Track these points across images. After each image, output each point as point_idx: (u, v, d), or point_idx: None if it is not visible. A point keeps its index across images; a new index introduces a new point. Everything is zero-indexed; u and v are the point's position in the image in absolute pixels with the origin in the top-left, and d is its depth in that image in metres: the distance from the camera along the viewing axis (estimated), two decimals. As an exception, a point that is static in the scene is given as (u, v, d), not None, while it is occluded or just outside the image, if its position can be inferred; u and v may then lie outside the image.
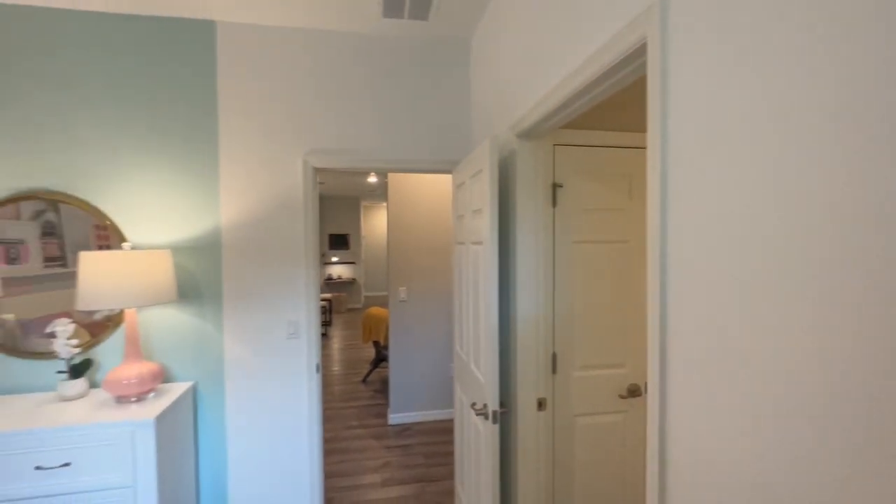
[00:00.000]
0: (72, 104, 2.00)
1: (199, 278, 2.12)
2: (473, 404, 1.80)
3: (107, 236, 2.10)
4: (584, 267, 1.87)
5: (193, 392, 2.11)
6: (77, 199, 2.01)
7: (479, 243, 1.76)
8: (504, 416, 1.92)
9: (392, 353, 3.62)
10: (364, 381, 4.75)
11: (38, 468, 1.62)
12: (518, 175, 1.74)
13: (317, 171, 2.27)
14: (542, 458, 1.80)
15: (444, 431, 3.46)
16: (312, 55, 2.20)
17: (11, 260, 2.01)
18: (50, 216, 2.06)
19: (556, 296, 1.85)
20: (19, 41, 1.95)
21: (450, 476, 2.81)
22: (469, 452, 2.01)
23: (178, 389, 1.98)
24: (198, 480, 2.14)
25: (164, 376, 2.01)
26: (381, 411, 3.88)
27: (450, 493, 2.62)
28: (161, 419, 1.75)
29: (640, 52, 0.99)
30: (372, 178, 6.85)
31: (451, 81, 2.36)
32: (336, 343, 6.65)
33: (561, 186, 1.84)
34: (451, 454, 3.10)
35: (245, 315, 2.16)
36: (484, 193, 1.67)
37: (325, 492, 2.57)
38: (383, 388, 4.51)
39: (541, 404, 1.79)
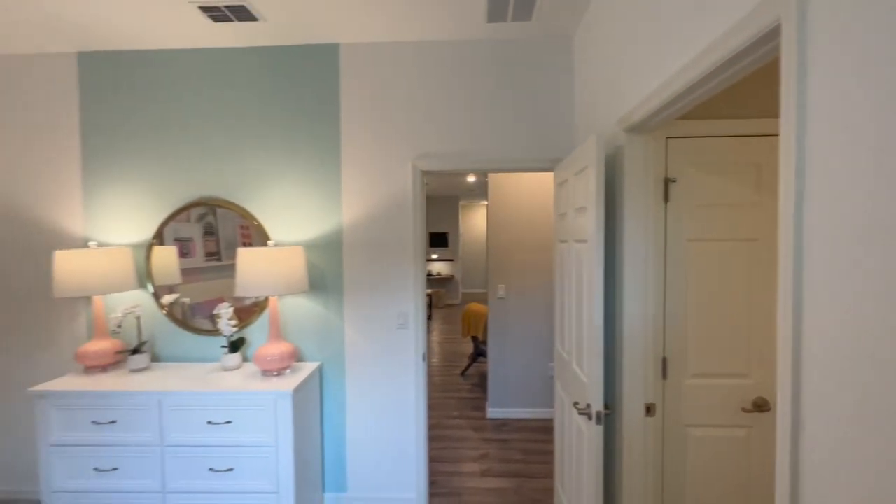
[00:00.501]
0: (226, 127, 2.41)
1: (325, 272, 2.41)
2: (576, 403, 1.79)
3: (248, 234, 2.50)
4: (700, 267, 1.74)
5: (320, 371, 2.42)
6: (234, 204, 2.42)
7: (583, 241, 1.74)
8: (608, 419, 1.87)
9: (490, 349, 3.70)
10: (463, 374, 4.92)
11: (209, 423, 2.01)
12: (626, 171, 1.68)
13: (424, 173, 2.43)
14: (649, 465, 1.73)
15: (542, 430, 3.44)
16: (420, 66, 2.36)
17: (184, 254, 2.50)
18: (210, 218, 2.51)
19: (667, 297, 1.75)
20: (191, 79, 2.41)
21: (548, 475, 2.80)
22: (570, 452, 2.00)
23: (308, 368, 2.29)
24: (322, 447, 2.44)
25: (297, 356, 2.32)
26: (479, 405, 3.99)
27: (548, 491, 2.62)
28: (296, 392, 2.04)
29: (772, 34, 0.91)
30: (471, 178, 7.01)
31: (553, 80, 2.35)
32: (435, 336, 6.95)
33: (674, 181, 1.73)
34: (549, 453, 3.08)
35: (361, 306, 2.41)
36: (589, 190, 1.65)
37: (428, 473, 2.75)
38: (481, 382, 4.62)
39: (649, 410, 1.71)
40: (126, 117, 2.44)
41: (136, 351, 2.28)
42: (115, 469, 2.02)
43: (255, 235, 2.46)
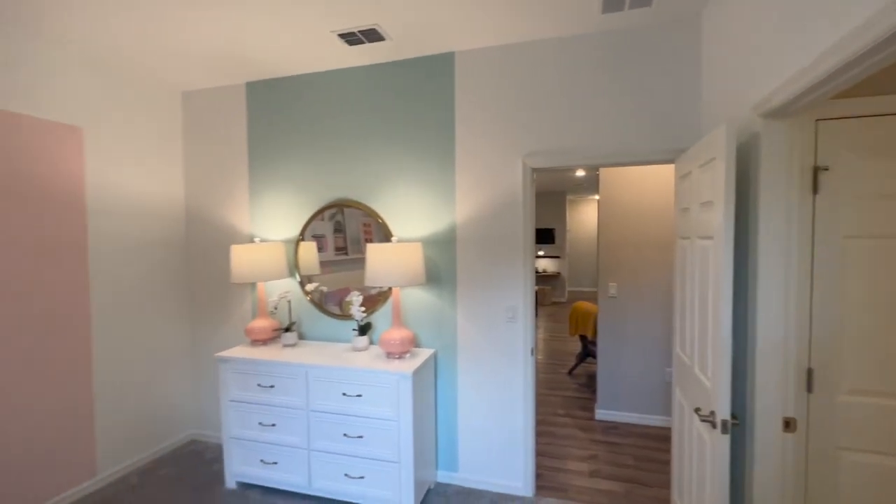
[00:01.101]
0: (356, 137, 2.73)
1: (440, 266, 2.60)
2: (697, 409, 1.69)
3: (370, 231, 2.80)
4: (861, 267, 1.51)
5: (434, 358, 2.62)
6: (364, 204, 2.74)
7: (709, 238, 1.63)
8: (735, 430, 1.73)
9: (600, 350, 3.59)
10: (570, 373, 4.82)
11: (343, 394, 2.33)
12: (762, 161, 1.53)
13: (534, 171, 2.47)
14: (787, 486, 1.56)
15: (656, 438, 3.25)
16: (530, 66, 2.40)
17: (319, 249, 2.90)
18: (339, 217, 2.86)
19: (813, 301, 1.55)
20: (327, 96, 2.78)
21: (661, 484, 2.65)
22: (690, 462, 1.88)
23: (424, 354, 2.50)
24: (436, 428, 2.65)
25: (415, 342, 2.55)
26: (587, 405, 3.89)
27: (662, 501, 2.48)
28: (415, 374, 2.26)
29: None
30: (580, 172, 6.77)
31: (673, 66, 2.21)
32: (541, 334, 6.89)
33: (826, 170, 1.53)
34: (663, 462, 2.90)
35: (473, 298, 2.55)
36: (717, 183, 1.54)
37: (535, 466, 2.80)
38: (589, 382, 4.49)
39: (788, 425, 1.55)
40: (279, 132, 2.91)
41: (287, 329, 2.72)
42: (273, 425, 2.46)
43: (374, 232, 2.76)
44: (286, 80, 2.87)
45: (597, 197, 10.50)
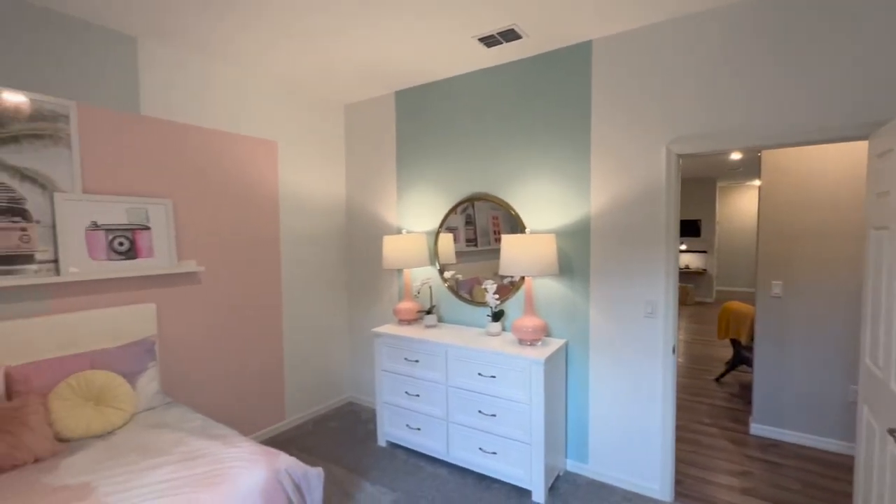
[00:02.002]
0: (491, 133, 2.87)
1: (572, 257, 2.61)
2: (892, 431, 1.44)
3: (498, 223, 2.92)
4: None
5: (565, 348, 2.65)
6: (498, 198, 2.88)
7: (915, 229, 1.37)
8: (951, 462, 1.42)
9: (758, 357, 3.17)
10: (718, 380, 4.34)
11: (479, 374, 2.52)
12: None
13: (679, 157, 2.31)
14: None
15: (830, 464, 2.76)
16: (675, 45, 2.24)
17: (455, 240, 3.13)
18: (469, 210, 3.05)
19: None
20: (465, 98, 2.97)
21: (843, 519, 2.27)
22: (881, 496, 1.61)
23: (555, 343, 2.55)
24: (566, 417, 2.68)
25: (547, 331, 2.61)
26: (740, 417, 3.47)
27: (842, 538, 2.13)
28: (548, 361, 2.33)
29: None
30: (735, 156, 5.95)
31: (865, 23, 1.84)
32: (682, 335, 6.27)
33: None
34: (839, 493, 2.47)
35: (607, 290, 2.51)
36: (928, 164, 1.28)
37: (674, 470, 2.64)
38: (742, 392, 3.98)
39: None
40: (421, 135, 3.22)
41: (428, 312, 3.03)
42: (417, 395, 2.78)
43: (504, 224, 2.87)
44: (428, 86, 3.15)
45: (757, 182, 9.03)
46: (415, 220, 3.31)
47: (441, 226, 3.15)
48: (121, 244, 2.34)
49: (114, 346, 2.25)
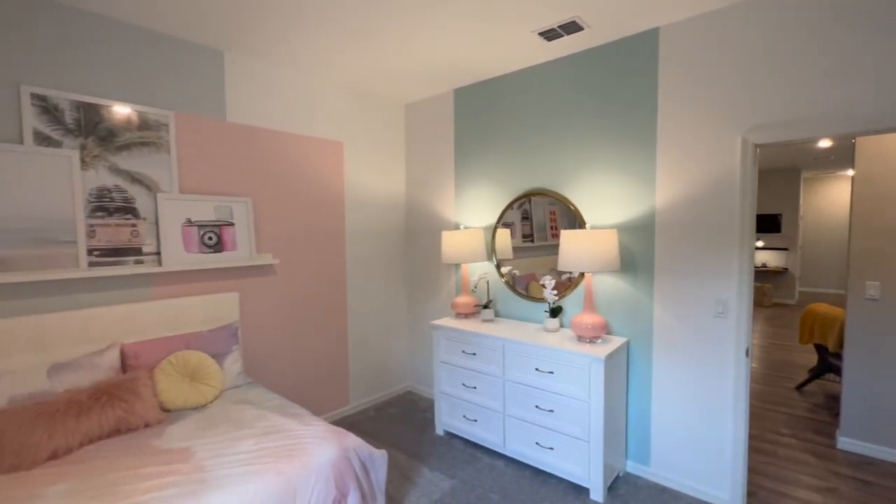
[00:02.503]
0: (550, 128, 2.84)
1: (635, 253, 2.54)
2: None
3: (555, 218, 2.88)
4: None
5: (627, 347, 2.58)
6: (556, 192, 2.86)
7: None
8: None
9: (849, 365, 2.89)
10: (799, 388, 3.99)
11: (536, 369, 2.53)
12: None
13: (756, 147, 2.17)
14: None
15: (941, 489, 2.47)
16: (748, 25, 2.10)
17: (511, 235, 3.13)
18: (526, 205, 3.04)
19: None
20: (522, 93, 2.96)
21: (950, 548, 2.03)
22: None
23: (616, 341, 2.49)
24: (627, 416, 2.62)
25: (607, 328, 2.56)
26: (825, 430, 3.19)
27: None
28: (608, 359, 2.29)
29: None
30: (823, 143, 5.40)
31: None
32: (756, 339, 5.82)
33: None
34: (954, 522, 2.20)
35: (673, 287, 2.41)
36: None
37: (747, 480, 2.49)
38: (827, 403, 3.64)
39: None
40: (479, 131, 3.25)
41: (485, 306, 3.07)
42: (474, 387, 2.84)
43: (561, 219, 2.84)
44: (487, 83, 3.18)
45: (850, 172, 8.10)
46: (472, 215, 3.36)
47: (498, 221, 3.17)
48: (210, 238, 2.61)
49: (205, 330, 2.51)
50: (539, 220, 2.99)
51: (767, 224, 8.44)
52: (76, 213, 2.14)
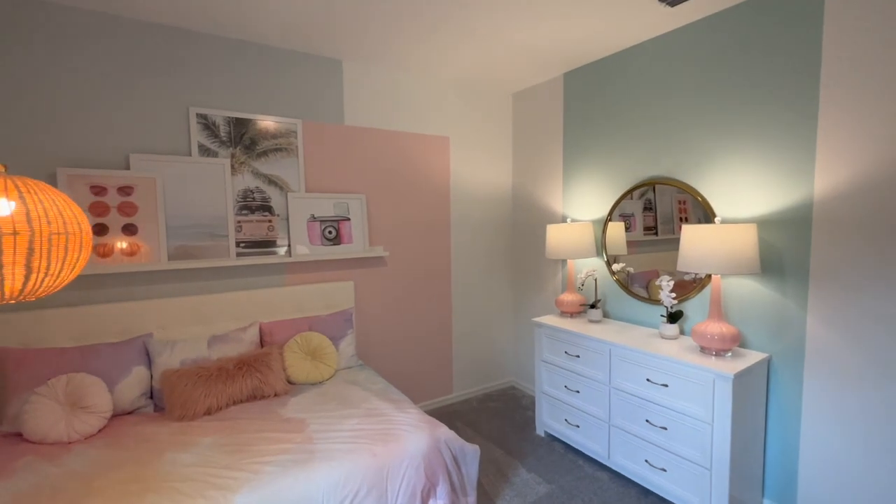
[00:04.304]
0: (674, 108, 2.48)
1: (782, 252, 2.09)
2: None
3: (685, 209, 2.51)
4: None
5: (767, 364, 2.16)
6: (679, 181, 2.51)
7: None
8: None
9: None
10: None
11: (647, 380, 2.27)
12: None
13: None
14: None
15: None
16: None
17: (627, 228, 2.83)
18: (649, 195, 2.70)
19: None
20: (642, 69, 2.63)
21: None
22: None
23: (752, 357, 2.10)
24: (765, 447, 2.20)
25: (739, 341, 2.18)
26: None
27: None
28: (738, 378, 1.94)
29: None
30: None
31: None
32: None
33: None
34: None
35: (837, 296, 1.93)
36: None
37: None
38: None
39: None
40: (591, 117, 3.00)
41: (593, 306, 2.86)
42: (577, 391, 2.68)
43: (690, 210, 2.47)
44: (599, 63, 2.91)
45: None
46: (581, 208, 3.14)
47: (610, 213, 2.91)
48: (330, 232, 2.89)
49: (325, 314, 2.82)
50: (665, 210, 2.65)
51: None
52: (228, 211, 2.56)
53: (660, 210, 2.68)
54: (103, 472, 1.60)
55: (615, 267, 2.86)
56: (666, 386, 2.19)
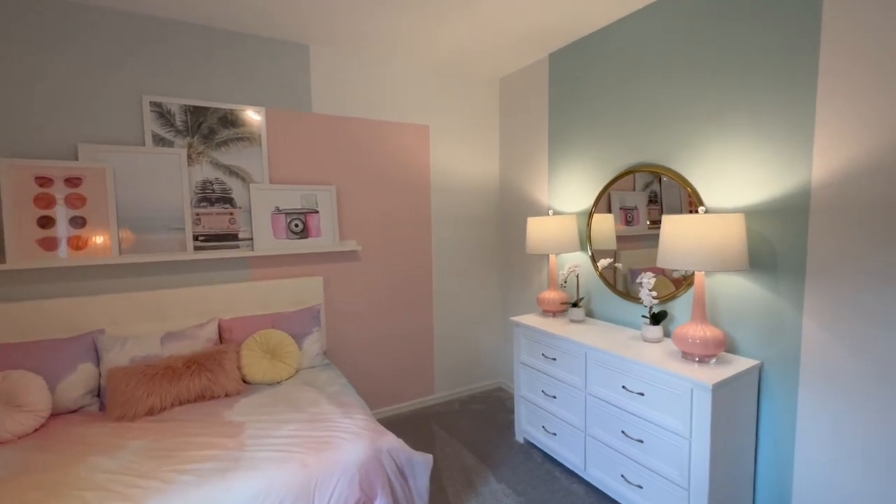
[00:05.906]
0: (663, 89, 2.24)
1: (775, 246, 1.84)
2: None
3: (694, 202, 2.25)
4: None
5: (758, 372, 1.92)
6: (668, 168, 2.27)
7: None
8: None
9: None
10: None
11: (623, 387, 2.06)
12: None
13: None
14: None
15: None
16: None
17: (628, 222, 2.59)
18: (654, 186, 2.45)
19: None
20: (628, 46, 2.39)
21: None
22: None
23: (739, 364, 1.87)
24: (755, 465, 1.96)
25: (726, 345, 1.95)
26: None
27: None
28: (718, 388, 1.71)
29: None
30: None
31: None
32: None
33: None
34: None
35: (837, 295, 1.67)
36: None
37: None
38: None
39: None
40: (575, 99, 2.77)
41: (574, 304, 2.65)
42: (554, 397, 2.48)
43: (696, 203, 2.22)
44: (585, 40, 2.68)
45: None
46: (567, 199, 2.92)
47: (595, 205, 2.68)
48: (296, 225, 2.77)
49: (290, 311, 2.70)
50: (672, 203, 2.40)
51: None
52: (185, 203, 2.46)
53: (666, 203, 2.43)
54: (14, 477, 1.51)
55: (601, 263, 2.63)
56: (642, 395, 1.97)
